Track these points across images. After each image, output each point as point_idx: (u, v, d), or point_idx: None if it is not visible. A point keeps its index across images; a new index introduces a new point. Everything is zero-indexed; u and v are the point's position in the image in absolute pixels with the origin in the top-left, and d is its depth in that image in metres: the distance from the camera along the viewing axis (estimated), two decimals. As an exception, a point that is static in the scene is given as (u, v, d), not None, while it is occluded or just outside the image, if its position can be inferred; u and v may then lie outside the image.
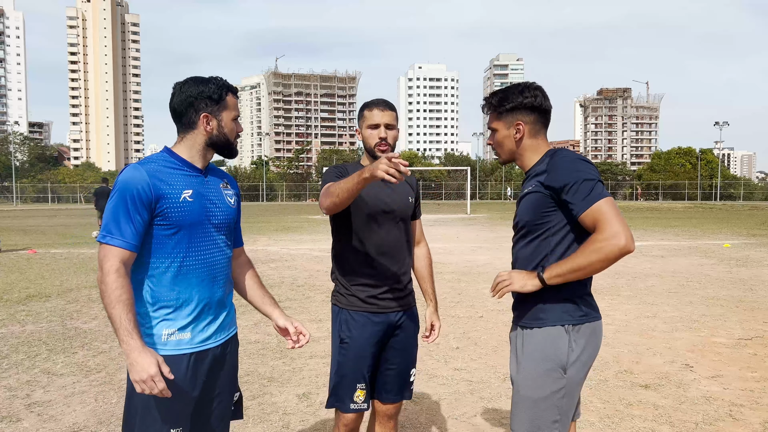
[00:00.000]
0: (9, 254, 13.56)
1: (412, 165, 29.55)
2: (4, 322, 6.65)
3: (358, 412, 2.60)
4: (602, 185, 2.01)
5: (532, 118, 2.22)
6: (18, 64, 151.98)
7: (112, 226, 1.93)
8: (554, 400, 2.03)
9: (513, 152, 2.27)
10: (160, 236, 2.00)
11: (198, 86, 2.06)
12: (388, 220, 2.61)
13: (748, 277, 9.74)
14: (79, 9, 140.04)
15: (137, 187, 1.93)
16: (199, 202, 2.06)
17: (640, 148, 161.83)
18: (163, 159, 2.06)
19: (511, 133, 2.24)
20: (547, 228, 2.11)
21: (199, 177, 2.10)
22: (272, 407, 4.06)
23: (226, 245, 2.18)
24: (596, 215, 1.95)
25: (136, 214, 1.93)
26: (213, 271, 2.12)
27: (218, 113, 2.08)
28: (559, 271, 2.00)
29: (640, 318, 6.79)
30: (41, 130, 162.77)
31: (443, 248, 14.41)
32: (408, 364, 2.75)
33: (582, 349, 2.07)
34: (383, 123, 2.60)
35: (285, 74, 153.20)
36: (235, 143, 2.17)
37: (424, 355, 5.37)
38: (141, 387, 1.87)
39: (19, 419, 3.89)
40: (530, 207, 2.14)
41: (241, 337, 5.96)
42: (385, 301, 2.63)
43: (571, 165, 2.05)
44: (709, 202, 54.75)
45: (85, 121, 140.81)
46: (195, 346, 2.06)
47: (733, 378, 4.68)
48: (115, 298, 1.86)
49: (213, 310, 2.13)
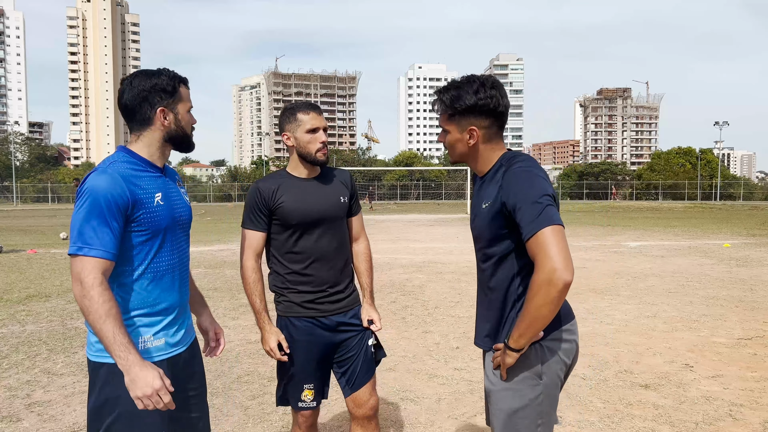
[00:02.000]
0: (9, 254, 13.56)
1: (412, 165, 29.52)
2: (4, 322, 6.65)
3: (308, 410, 2.63)
4: (553, 208, 1.84)
5: (488, 122, 2.01)
6: (18, 64, 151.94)
7: (88, 235, 1.79)
8: (533, 407, 1.96)
9: (465, 156, 2.10)
10: (134, 242, 1.91)
11: (150, 79, 1.96)
12: (318, 227, 2.59)
13: (748, 277, 9.74)
14: (79, 9, 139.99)
15: (113, 192, 1.82)
16: (168, 204, 2.00)
17: (640, 148, 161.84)
18: (126, 161, 1.94)
19: (464, 137, 2.04)
20: (508, 249, 1.98)
21: (162, 177, 2.03)
22: (272, 407, 4.06)
23: (188, 245, 2.15)
24: (537, 245, 1.78)
25: (113, 221, 1.82)
26: (182, 273, 2.08)
27: (174, 106, 1.99)
28: (519, 333, 1.86)
29: (640, 318, 6.79)
30: (41, 130, 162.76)
31: (443, 248, 14.41)
32: (364, 342, 2.69)
33: (556, 353, 1.99)
34: (322, 126, 2.56)
35: (285, 74, 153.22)
36: (191, 136, 2.09)
37: (424, 355, 5.37)
38: (145, 403, 1.77)
39: (19, 419, 3.89)
40: (487, 222, 2.00)
41: (241, 337, 5.96)
42: (324, 305, 2.61)
43: (525, 182, 1.87)
44: (709, 202, 54.75)
45: (85, 121, 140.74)
46: (168, 352, 2.01)
47: (733, 378, 4.68)
48: (105, 312, 1.75)
49: (182, 313, 2.10)
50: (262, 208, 2.57)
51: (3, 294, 8.44)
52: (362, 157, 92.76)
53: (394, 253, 13.45)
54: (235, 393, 4.39)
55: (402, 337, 5.97)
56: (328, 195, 2.63)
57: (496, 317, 2.04)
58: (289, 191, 2.57)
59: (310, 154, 2.56)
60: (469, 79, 2.02)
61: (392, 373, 4.82)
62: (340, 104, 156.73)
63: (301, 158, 2.59)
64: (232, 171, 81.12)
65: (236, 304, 7.67)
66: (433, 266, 11.18)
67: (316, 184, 2.63)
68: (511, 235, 1.95)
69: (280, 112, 2.73)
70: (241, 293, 8.42)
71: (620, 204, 52.01)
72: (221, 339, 2.35)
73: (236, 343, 5.70)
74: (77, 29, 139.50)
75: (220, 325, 2.39)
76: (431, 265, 11.30)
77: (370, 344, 2.72)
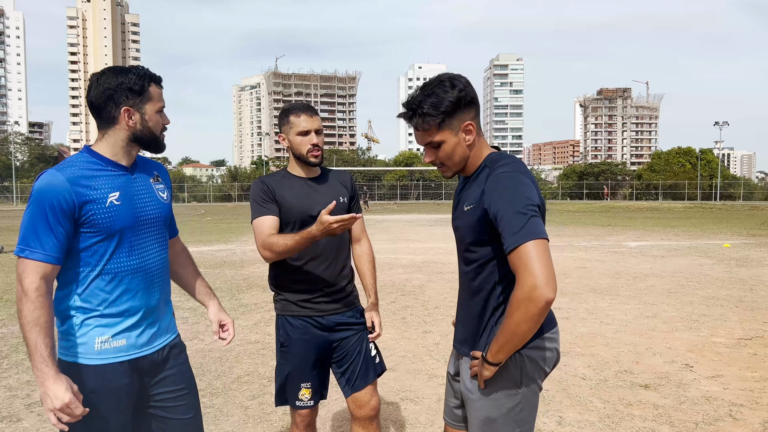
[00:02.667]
0: (9, 254, 13.56)
1: (412, 165, 29.56)
2: (4, 322, 6.66)
3: (305, 409, 2.63)
4: (538, 219, 1.75)
5: (474, 113, 1.91)
6: (18, 64, 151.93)
7: (31, 238, 1.78)
8: (512, 416, 1.91)
9: (467, 158, 1.95)
10: (88, 244, 1.87)
11: (117, 77, 1.90)
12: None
13: (748, 277, 9.74)
14: (79, 9, 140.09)
15: (57, 196, 1.79)
16: (127, 203, 1.93)
17: (640, 147, 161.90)
18: (84, 160, 1.90)
19: (461, 138, 1.90)
20: (490, 255, 1.90)
21: (126, 175, 1.96)
22: (272, 407, 4.06)
23: (160, 246, 2.07)
24: (518, 259, 1.70)
25: (58, 225, 1.79)
26: (148, 275, 2.00)
27: (140, 106, 1.92)
28: (498, 347, 1.79)
29: (640, 318, 6.79)
30: (41, 130, 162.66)
31: (443, 248, 14.41)
32: (365, 345, 2.69)
33: (536, 362, 1.92)
34: (313, 129, 2.57)
35: (285, 74, 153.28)
36: (161, 137, 2.01)
37: (424, 355, 5.37)
38: (57, 416, 1.75)
39: (19, 419, 3.89)
40: (469, 226, 1.91)
41: (241, 337, 5.96)
42: (321, 304, 2.61)
43: (509, 189, 1.78)
44: (709, 202, 54.75)
45: (85, 121, 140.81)
46: (131, 353, 1.96)
47: (733, 378, 4.68)
48: (33, 321, 1.74)
49: (150, 315, 2.02)
50: (270, 198, 2.58)
51: (3, 294, 8.44)
52: (362, 158, 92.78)
53: (394, 253, 13.45)
54: (235, 393, 4.39)
55: (402, 337, 5.97)
56: (325, 195, 2.64)
57: (475, 323, 1.98)
58: (289, 189, 2.61)
59: (303, 155, 2.59)
60: (432, 82, 1.90)
61: (392, 373, 4.82)
62: (340, 104, 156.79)
63: (296, 159, 2.63)
64: (232, 171, 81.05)
65: (236, 304, 7.68)
66: (433, 266, 11.19)
67: (315, 183, 2.66)
68: (492, 242, 1.87)
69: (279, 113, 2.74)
70: (241, 293, 8.42)
71: (620, 204, 52.00)
72: (229, 329, 2.30)
73: (236, 343, 5.70)
74: (77, 29, 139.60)
75: (228, 315, 2.34)
76: (431, 265, 11.30)
77: (371, 349, 2.72)
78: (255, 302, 7.77)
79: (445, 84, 1.87)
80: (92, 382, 1.89)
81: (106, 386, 1.90)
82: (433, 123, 1.88)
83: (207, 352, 5.45)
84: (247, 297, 8.16)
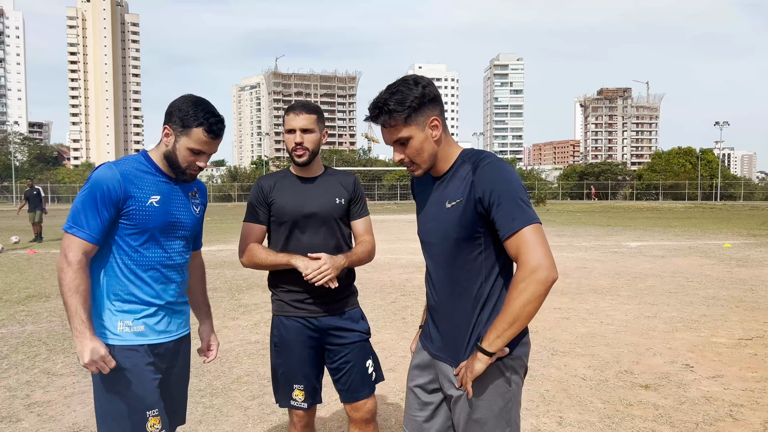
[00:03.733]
0: (9, 254, 13.56)
1: (412, 165, 29.45)
2: (4, 322, 6.65)
3: (304, 410, 2.66)
4: (529, 207, 1.81)
5: (439, 110, 1.93)
6: (18, 64, 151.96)
7: (80, 217, 2.04)
8: (503, 415, 1.92)
9: (433, 157, 1.96)
10: (122, 234, 2.11)
11: (185, 104, 2.13)
12: (311, 224, 2.60)
13: (748, 277, 9.74)
14: (79, 9, 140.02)
15: (108, 185, 2.05)
16: (164, 208, 2.17)
17: (641, 148, 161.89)
18: (138, 162, 2.18)
19: (428, 133, 1.92)
20: (476, 252, 1.89)
21: (169, 184, 2.22)
22: (272, 407, 4.06)
23: (184, 250, 2.29)
24: (519, 243, 1.76)
25: (104, 209, 2.05)
26: (168, 273, 2.22)
27: (179, 135, 2.14)
28: (497, 334, 1.79)
29: (640, 318, 6.79)
30: (41, 130, 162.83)
31: (443, 248, 14.39)
32: (362, 358, 2.67)
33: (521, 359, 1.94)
34: (298, 127, 2.58)
35: (285, 74, 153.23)
36: (186, 171, 2.19)
37: (424, 355, 5.37)
38: (93, 367, 2.00)
39: (19, 419, 3.89)
40: (454, 223, 1.89)
41: (241, 337, 5.96)
42: (314, 305, 2.61)
43: (504, 178, 1.82)
44: (710, 202, 54.75)
45: (85, 121, 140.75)
46: (149, 339, 2.17)
47: (733, 378, 4.68)
48: (74, 288, 2.00)
49: (167, 308, 2.23)
50: (261, 203, 2.66)
51: (3, 294, 8.44)
52: (362, 158, 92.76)
53: (394, 253, 13.44)
54: (235, 393, 4.39)
55: (402, 337, 5.97)
56: (323, 194, 2.65)
57: (461, 327, 1.94)
58: (285, 188, 2.65)
59: (290, 153, 2.63)
60: (396, 82, 1.93)
61: (392, 373, 4.82)
62: (340, 104, 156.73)
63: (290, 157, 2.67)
64: (232, 171, 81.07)
65: (236, 304, 7.67)
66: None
67: (314, 183, 2.67)
68: (482, 235, 1.88)
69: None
70: (241, 293, 8.42)
71: (620, 204, 52.00)
72: (213, 350, 2.55)
73: (236, 344, 5.70)
74: (77, 29, 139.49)
75: (216, 338, 2.59)
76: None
77: (369, 366, 2.69)
78: (255, 302, 7.77)
79: (409, 82, 1.91)
80: (119, 359, 2.08)
81: (129, 364, 2.10)
82: (400, 118, 1.89)
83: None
84: (247, 297, 8.16)
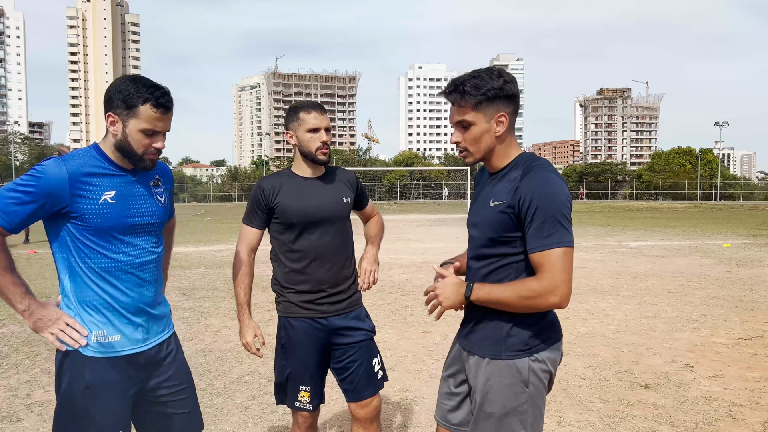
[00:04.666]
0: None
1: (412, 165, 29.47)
2: (4, 322, 6.65)
3: (309, 412, 2.64)
4: (567, 228, 1.80)
5: (511, 109, 1.93)
6: (18, 64, 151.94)
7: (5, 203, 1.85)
8: (517, 415, 1.92)
9: (490, 151, 1.95)
10: (81, 236, 1.93)
11: (123, 84, 1.94)
12: (319, 227, 2.60)
13: (748, 277, 9.74)
14: (79, 9, 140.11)
15: (50, 182, 1.86)
16: (122, 203, 1.97)
17: (640, 148, 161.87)
18: (89, 155, 1.97)
19: (492, 127, 1.91)
20: (509, 253, 1.91)
21: (126, 176, 2.00)
22: (272, 407, 4.06)
23: (153, 245, 2.08)
24: (545, 261, 1.78)
25: (34, 203, 1.86)
26: (139, 274, 2.03)
27: (126, 119, 1.94)
28: (485, 298, 1.88)
29: (640, 318, 6.79)
30: (41, 130, 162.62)
31: (443, 248, 14.41)
32: (368, 357, 2.68)
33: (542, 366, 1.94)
34: (323, 126, 2.58)
35: (285, 74, 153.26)
36: (144, 157, 1.98)
37: (424, 355, 5.37)
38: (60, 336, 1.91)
39: (19, 419, 3.89)
40: (496, 220, 1.91)
41: (241, 337, 5.95)
42: (324, 306, 2.61)
43: (548, 192, 1.81)
44: (709, 202, 54.75)
45: (85, 121, 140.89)
46: (126, 349, 2.00)
47: (733, 378, 4.68)
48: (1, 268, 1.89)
49: (144, 312, 2.05)
50: (263, 206, 2.61)
51: (3, 294, 8.44)
52: (362, 158, 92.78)
53: (394, 253, 13.44)
54: (235, 393, 4.39)
55: (402, 337, 5.97)
56: (330, 195, 2.63)
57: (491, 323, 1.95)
58: (291, 190, 2.60)
59: (311, 152, 2.58)
60: (481, 70, 1.93)
61: (392, 373, 4.82)
62: (340, 104, 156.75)
63: (304, 157, 2.62)
64: (232, 171, 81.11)
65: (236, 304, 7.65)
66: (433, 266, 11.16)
67: (319, 183, 2.65)
68: (517, 240, 1.89)
69: (286, 111, 2.75)
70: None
71: (620, 204, 52.00)
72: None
73: (236, 343, 5.70)
74: (77, 29, 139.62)
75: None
76: (431, 265, 11.28)
77: (375, 364, 2.70)
78: (255, 302, 7.76)
79: (493, 72, 1.91)
80: (89, 375, 1.94)
81: (102, 379, 1.94)
82: (470, 102, 1.90)
83: (207, 352, 5.45)
84: (247, 297, 8.14)
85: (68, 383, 1.95)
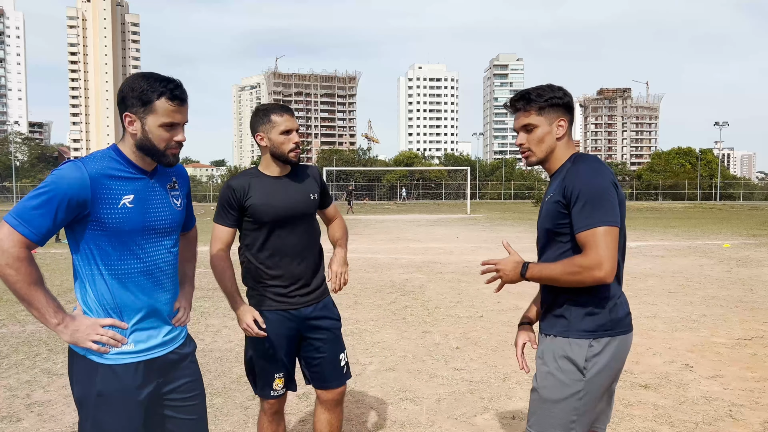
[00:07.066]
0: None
1: (412, 165, 29.52)
2: (4, 322, 6.65)
3: (279, 398, 2.77)
4: (609, 209, 1.98)
5: (569, 117, 2.20)
6: (18, 64, 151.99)
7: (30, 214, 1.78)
8: (572, 402, 2.05)
9: (552, 150, 2.18)
10: (99, 242, 1.89)
11: (135, 82, 1.91)
12: (290, 224, 2.69)
13: (748, 277, 9.74)
14: (79, 9, 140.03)
15: (72, 187, 1.81)
16: (139, 207, 1.94)
17: (640, 148, 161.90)
18: (109, 158, 1.93)
19: (553, 129, 2.16)
20: (565, 239, 2.10)
21: (144, 179, 1.98)
22: (272, 407, 4.06)
23: (169, 250, 2.06)
24: (589, 239, 1.95)
25: (60, 214, 1.81)
26: (156, 278, 2.01)
27: (143, 116, 1.90)
28: (538, 276, 2.09)
29: (640, 318, 6.79)
30: (41, 130, 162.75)
31: (443, 248, 14.41)
32: (335, 351, 2.81)
33: (603, 355, 2.07)
34: (294, 128, 2.66)
35: (285, 74, 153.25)
36: (167, 152, 1.96)
37: (424, 355, 5.37)
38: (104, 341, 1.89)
39: (19, 419, 3.89)
40: (549, 215, 2.13)
41: (241, 337, 5.90)
42: (295, 298, 2.72)
43: (588, 178, 2.02)
44: (709, 202, 54.75)
45: (85, 121, 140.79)
46: (142, 355, 1.97)
47: (733, 378, 4.68)
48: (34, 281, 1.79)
49: (159, 317, 2.03)
50: (234, 205, 2.68)
51: (3, 294, 8.43)
52: (362, 158, 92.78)
53: (394, 253, 13.45)
54: (235, 393, 4.39)
55: (402, 337, 5.97)
56: (298, 192, 2.72)
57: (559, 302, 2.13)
58: (261, 190, 2.67)
59: (284, 154, 2.65)
60: (543, 85, 2.19)
61: (392, 373, 4.82)
62: (340, 104, 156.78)
63: (274, 158, 2.69)
64: (232, 171, 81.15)
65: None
66: (433, 266, 11.18)
67: (287, 182, 2.72)
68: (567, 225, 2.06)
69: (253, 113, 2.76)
70: (241, 293, 8.40)
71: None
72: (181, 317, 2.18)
73: (236, 343, 5.70)
74: (77, 29, 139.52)
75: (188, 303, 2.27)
76: (431, 265, 11.29)
77: (342, 359, 2.83)
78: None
79: (554, 86, 2.19)
80: (102, 383, 1.91)
81: (116, 387, 1.92)
82: (534, 107, 2.16)
83: (207, 352, 5.45)
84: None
85: (80, 391, 1.94)
